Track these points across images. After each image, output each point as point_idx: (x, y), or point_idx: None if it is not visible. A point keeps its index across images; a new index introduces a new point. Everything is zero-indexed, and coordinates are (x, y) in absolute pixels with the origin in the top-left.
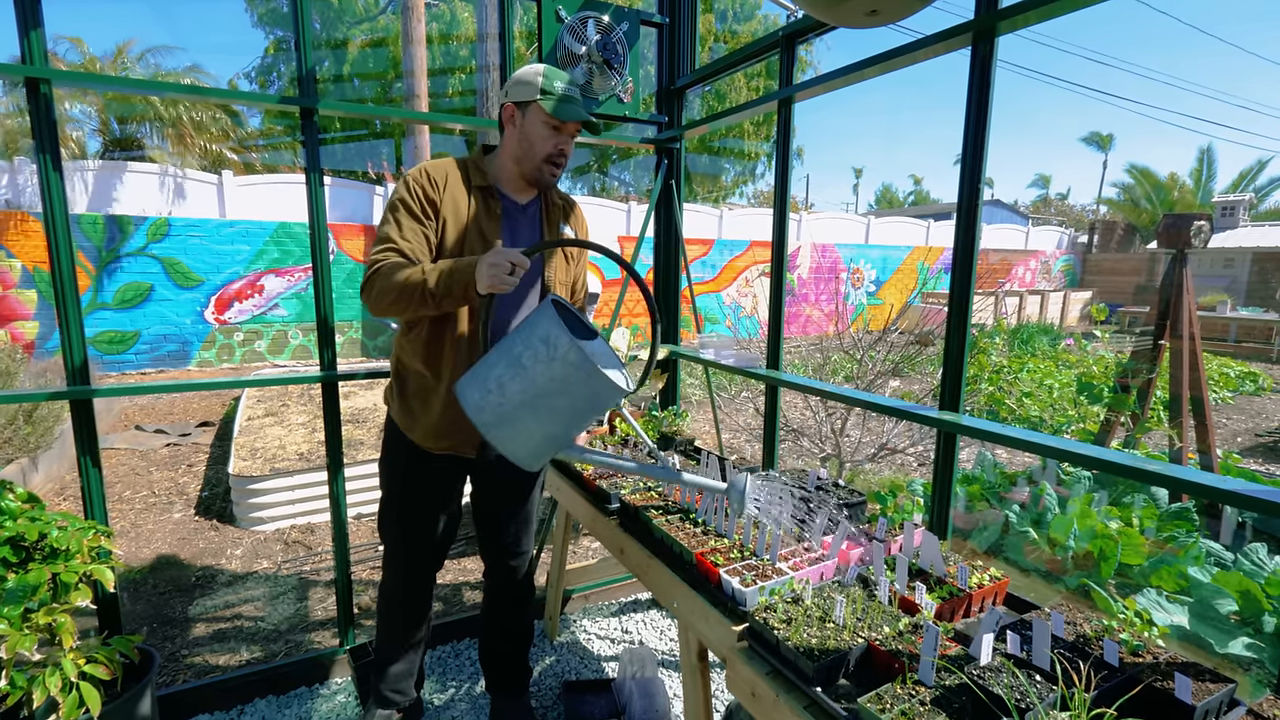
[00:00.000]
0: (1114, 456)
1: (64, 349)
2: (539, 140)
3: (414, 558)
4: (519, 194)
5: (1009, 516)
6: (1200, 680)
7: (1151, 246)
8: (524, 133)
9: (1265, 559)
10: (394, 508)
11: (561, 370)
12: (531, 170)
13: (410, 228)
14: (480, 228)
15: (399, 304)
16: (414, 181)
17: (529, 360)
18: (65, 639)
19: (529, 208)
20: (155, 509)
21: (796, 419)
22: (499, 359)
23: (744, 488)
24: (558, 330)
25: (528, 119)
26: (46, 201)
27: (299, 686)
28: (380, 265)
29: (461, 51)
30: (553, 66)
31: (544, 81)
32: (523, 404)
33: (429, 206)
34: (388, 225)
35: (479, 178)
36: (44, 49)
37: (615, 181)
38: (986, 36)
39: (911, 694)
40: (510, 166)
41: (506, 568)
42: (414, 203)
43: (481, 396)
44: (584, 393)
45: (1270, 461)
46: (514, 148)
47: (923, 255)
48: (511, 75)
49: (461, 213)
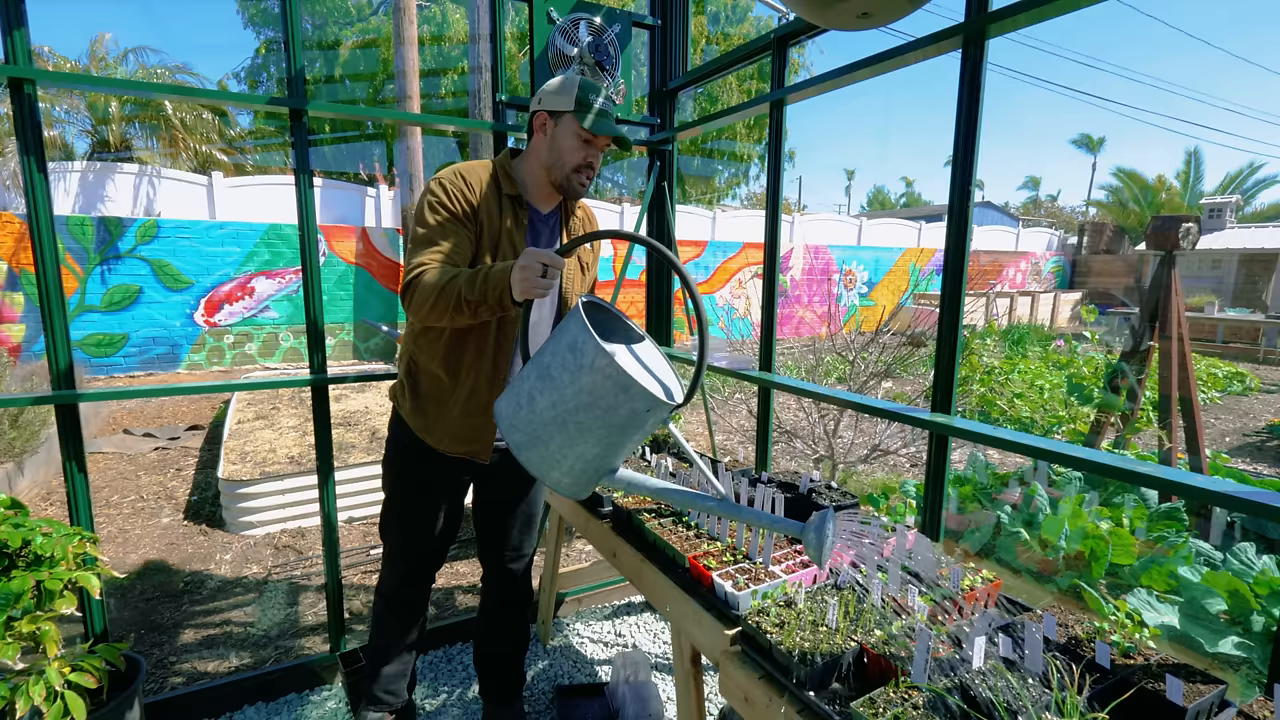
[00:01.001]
0: (1105, 459)
1: (49, 353)
2: (569, 151)
3: (415, 559)
4: (542, 203)
5: (1000, 517)
6: (1191, 682)
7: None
8: (555, 142)
9: (1253, 559)
10: (397, 508)
11: (590, 380)
12: (561, 179)
13: (451, 230)
14: (511, 238)
15: (436, 310)
16: (451, 185)
17: (557, 370)
18: (49, 647)
19: (550, 218)
20: (143, 514)
21: (789, 420)
22: (531, 371)
23: (828, 532)
24: (584, 335)
25: (560, 129)
26: (31, 204)
27: (289, 693)
28: (422, 270)
29: (453, 53)
30: (589, 80)
31: (580, 94)
32: (552, 420)
33: (467, 207)
34: (427, 228)
35: (509, 186)
36: (28, 48)
37: (608, 183)
38: (977, 39)
39: (905, 698)
40: (539, 174)
41: (507, 571)
42: (454, 205)
43: (514, 413)
44: (617, 406)
45: (1258, 461)
46: (544, 155)
47: (914, 257)
48: (546, 82)
49: (495, 220)
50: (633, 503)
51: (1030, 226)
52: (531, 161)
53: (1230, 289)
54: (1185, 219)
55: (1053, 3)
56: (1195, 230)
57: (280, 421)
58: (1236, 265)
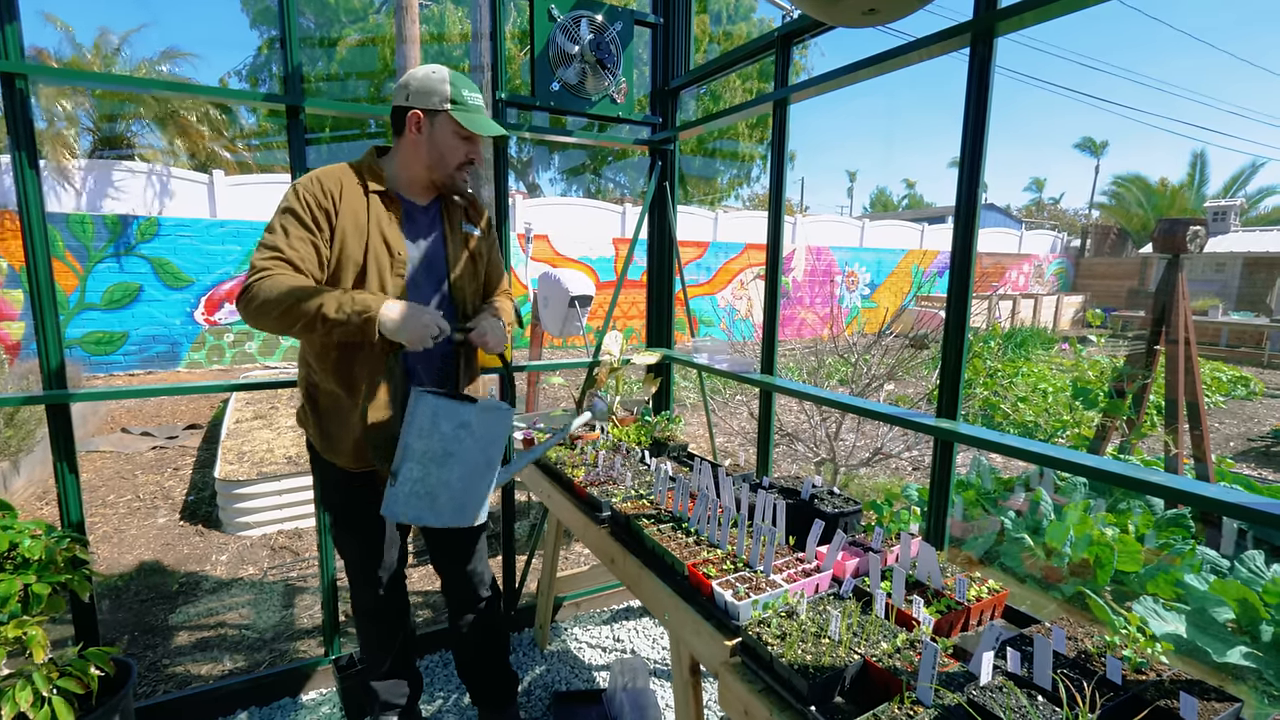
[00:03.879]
0: (1112, 466)
1: (40, 352)
2: (450, 150)
3: (372, 571)
4: (419, 196)
5: (1005, 523)
6: (1206, 699)
7: (1144, 251)
8: (434, 142)
9: (1262, 567)
10: (340, 525)
11: (481, 430)
12: (444, 178)
13: (299, 236)
14: (382, 231)
15: (284, 320)
16: (304, 190)
17: (454, 446)
18: (37, 652)
19: (430, 209)
20: (139, 513)
21: (791, 423)
22: (425, 466)
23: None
24: (457, 407)
25: (437, 129)
26: (22, 202)
27: (283, 697)
28: (265, 274)
29: (455, 52)
30: (457, 72)
31: (452, 90)
32: (459, 478)
33: (321, 216)
34: (274, 233)
35: (376, 182)
36: (20, 43)
37: (610, 183)
38: (985, 37)
39: (910, 714)
40: (419, 173)
41: (457, 576)
42: (304, 211)
43: (430, 504)
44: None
45: (1263, 466)
46: (424, 155)
47: (917, 258)
48: (407, 77)
49: (361, 219)
50: (631, 508)
51: (1033, 229)
52: (407, 159)
53: (1234, 292)
54: (1193, 222)
55: (1060, 0)
56: (1203, 233)
57: (279, 421)
58: (1241, 268)
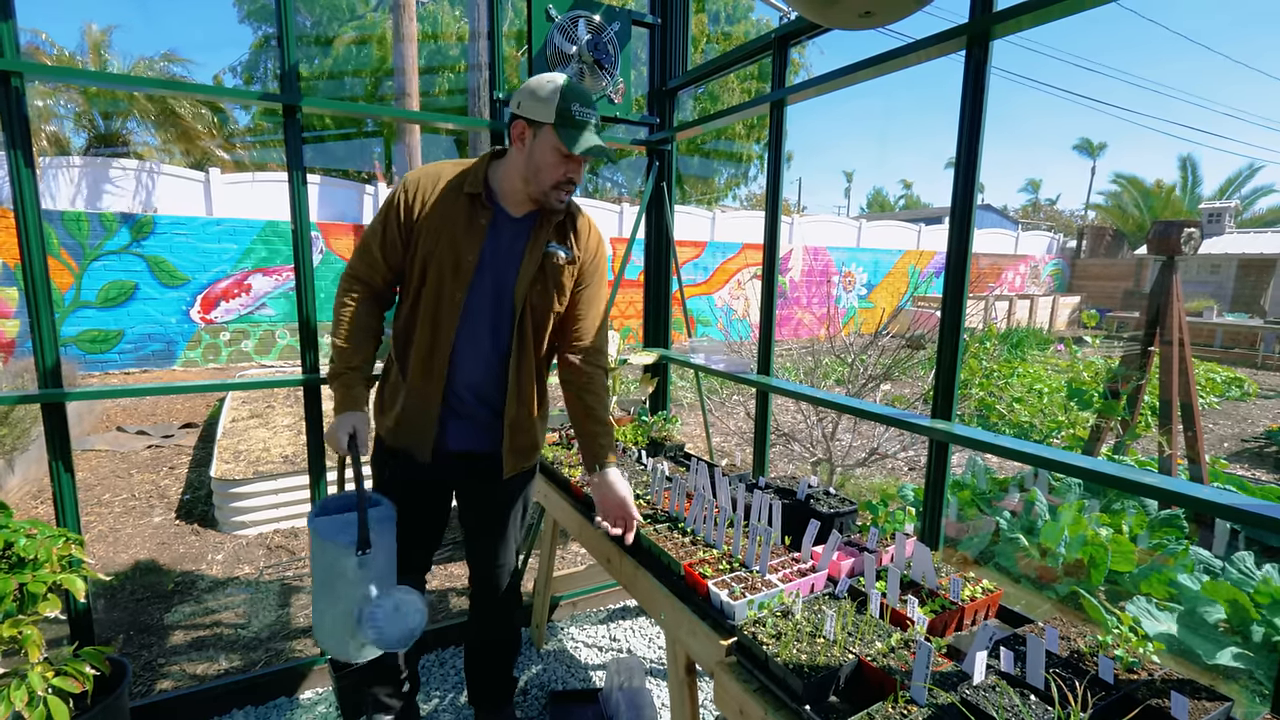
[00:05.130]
0: (1106, 468)
1: (35, 350)
2: (547, 167)
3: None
4: (515, 208)
5: (1000, 524)
6: (1196, 698)
7: (1139, 252)
8: (532, 156)
9: (1252, 567)
10: None
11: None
12: (539, 194)
13: (375, 242)
14: (454, 240)
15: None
16: (397, 188)
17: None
18: (32, 652)
19: (523, 222)
20: (135, 512)
21: (788, 423)
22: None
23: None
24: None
25: (539, 142)
26: (17, 199)
27: (279, 697)
28: (343, 290)
29: (452, 50)
30: (573, 82)
31: (560, 103)
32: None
33: (394, 216)
34: (371, 233)
35: (474, 185)
36: (15, 40)
37: (608, 183)
38: (981, 39)
39: (904, 714)
40: (517, 184)
41: (480, 577)
42: (389, 210)
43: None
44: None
45: (1257, 467)
46: (522, 167)
47: (914, 259)
48: (526, 83)
49: (442, 221)
50: None
51: (1029, 230)
52: (509, 167)
53: (1229, 294)
54: (1188, 224)
55: (1058, 4)
56: (1198, 235)
57: (275, 420)
58: (1235, 270)
